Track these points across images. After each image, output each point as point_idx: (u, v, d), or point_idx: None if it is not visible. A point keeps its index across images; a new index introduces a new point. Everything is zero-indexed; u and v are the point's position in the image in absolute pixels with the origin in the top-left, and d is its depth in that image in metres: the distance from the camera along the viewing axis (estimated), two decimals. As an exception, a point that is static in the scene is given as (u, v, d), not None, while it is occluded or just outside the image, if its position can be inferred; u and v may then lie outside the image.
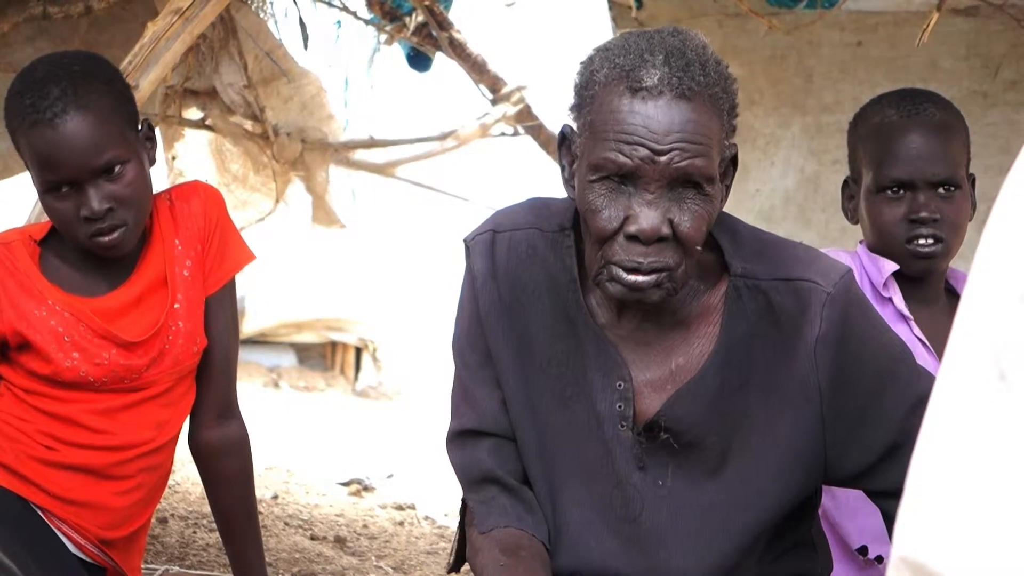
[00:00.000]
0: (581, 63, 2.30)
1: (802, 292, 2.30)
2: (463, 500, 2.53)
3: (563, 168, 2.36)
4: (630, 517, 2.36)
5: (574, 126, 2.31)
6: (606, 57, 2.25)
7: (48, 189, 2.83)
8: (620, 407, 2.34)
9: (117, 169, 2.81)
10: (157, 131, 3.01)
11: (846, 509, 2.90)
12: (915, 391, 2.33)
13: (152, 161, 2.93)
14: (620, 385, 2.34)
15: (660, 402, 2.34)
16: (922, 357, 2.86)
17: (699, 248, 2.24)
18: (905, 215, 2.95)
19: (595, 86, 2.24)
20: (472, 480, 2.50)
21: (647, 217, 2.18)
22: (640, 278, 2.20)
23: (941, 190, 2.95)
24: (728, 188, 2.33)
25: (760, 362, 2.32)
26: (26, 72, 2.88)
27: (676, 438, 2.32)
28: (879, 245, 2.99)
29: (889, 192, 2.97)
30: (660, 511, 2.35)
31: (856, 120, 3.10)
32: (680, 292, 2.28)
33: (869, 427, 2.33)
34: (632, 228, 2.19)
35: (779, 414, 2.32)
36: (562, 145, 2.36)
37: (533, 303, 2.42)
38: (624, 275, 2.21)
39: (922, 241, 2.94)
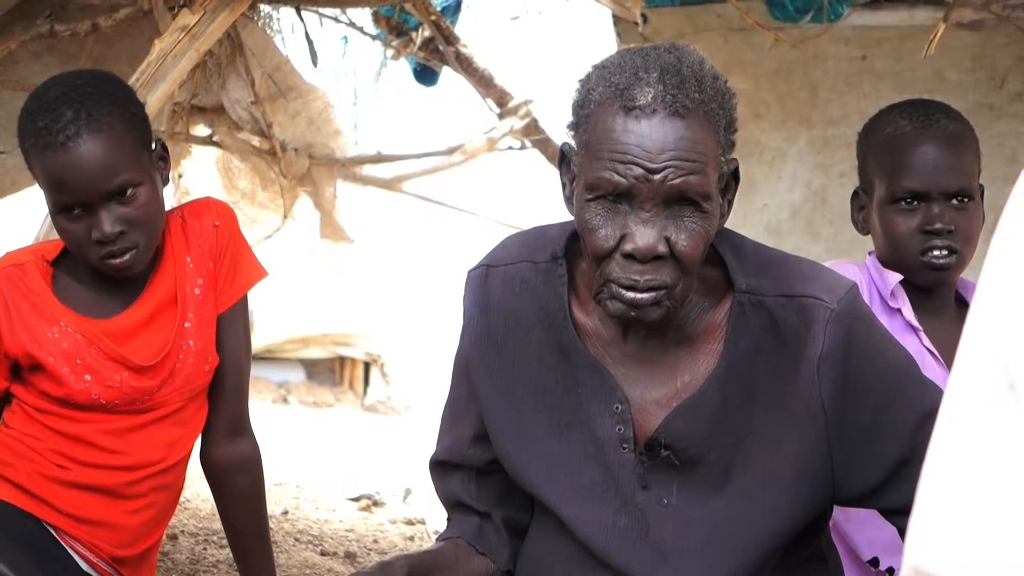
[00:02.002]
0: (579, 81, 2.31)
1: (806, 309, 2.30)
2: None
3: (564, 186, 2.37)
4: (636, 537, 2.36)
5: (573, 144, 2.32)
6: (602, 75, 2.26)
7: (60, 210, 2.82)
8: (620, 430, 2.34)
9: (129, 192, 2.81)
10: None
11: (856, 521, 2.90)
12: (922, 406, 2.32)
13: (165, 181, 2.92)
14: (618, 408, 2.34)
15: (663, 416, 2.34)
16: (931, 368, 2.86)
17: (697, 266, 2.24)
18: (919, 226, 2.94)
19: (591, 105, 2.25)
20: (446, 505, 2.61)
21: (643, 235, 2.19)
22: (638, 295, 2.21)
23: (955, 201, 2.94)
24: (730, 203, 2.33)
25: (764, 378, 2.31)
26: (39, 92, 2.87)
27: (677, 455, 2.32)
28: (892, 256, 2.98)
29: (903, 203, 2.96)
30: (666, 529, 2.35)
31: (866, 131, 3.09)
32: (681, 310, 2.29)
33: (876, 443, 2.32)
34: (628, 247, 2.20)
35: (784, 431, 2.31)
36: (562, 163, 2.36)
37: (527, 335, 2.43)
38: (624, 292, 2.21)
39: (936, 252, 2.94)
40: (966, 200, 2.95)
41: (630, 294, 2.21)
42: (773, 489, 2.33)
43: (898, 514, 2.37)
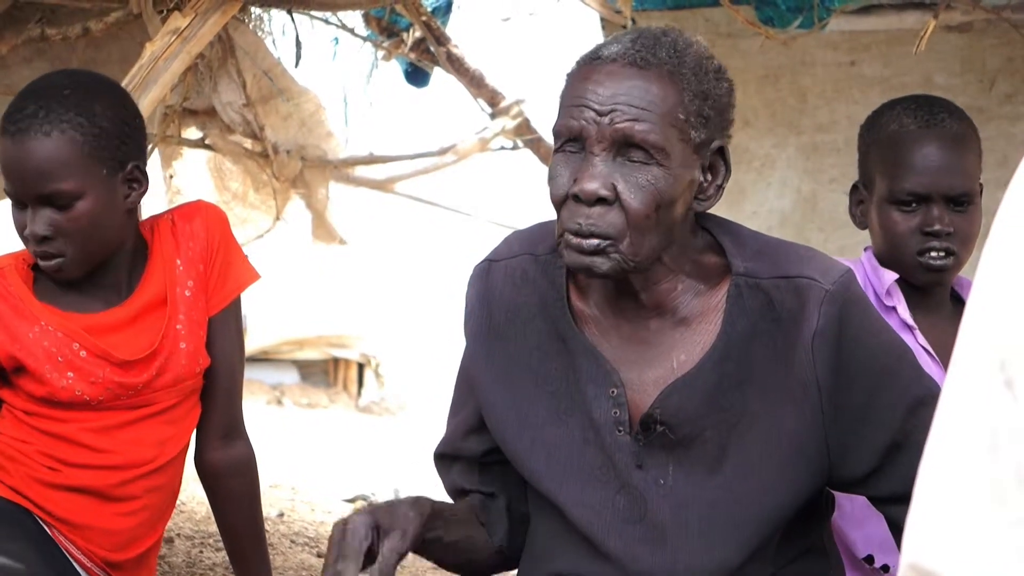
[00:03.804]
0: None
1: (801, 289, 2.31)
2: None
3: None
4: (635, 518, 2.37)
5: None
6: (590, 47, 2.34)
7: (9, 197, 2.84)
8: (616, 413, 2.36)
9: (65, 202, 2.78)
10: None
11: (851, 519, 2.90)
12: (915, 392, 2.34)
13: (130, 205, 2.89)
14: (613, 392, 2.36)
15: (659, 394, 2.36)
16: (927, 366, 2.85)
17: (647, 224, 2.25)
18: (918, 227, 2.93)
19: (572, 67, 2.33)
20: (452, 496, 2.63)
21: (589, 177, 2.22)
22: (582, 241, 2.24)
23: (956, 203, 2.94)
24: (719, 188, 2.35)
25: (761, 360, 2.33)
26: (35, 80, 2.89)
27: (672, 431, 2.34)
28: (889, 254, 2.98)
29: (903, 203, 2.95)
30: (663, 509, 2.36)
31: (869, 125, 3.08)
32: (640, 271, 2.30)
33: (869, 426, 2.33)
34: (574, 188, 2.24)
35: (780, 411, 2.33)
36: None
37: (527, 326, 2.46)
38: (571, 238, 2.25)
39: (934, 254, 2.93)
40: (966, 202, 2.94)
41: (575, 239, 2.24)
42: (769, 469, 2.34)
43: (887, 502, 2.39)
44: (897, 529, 2.42)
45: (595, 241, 2.23)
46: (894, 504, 2.36)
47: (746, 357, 2.33)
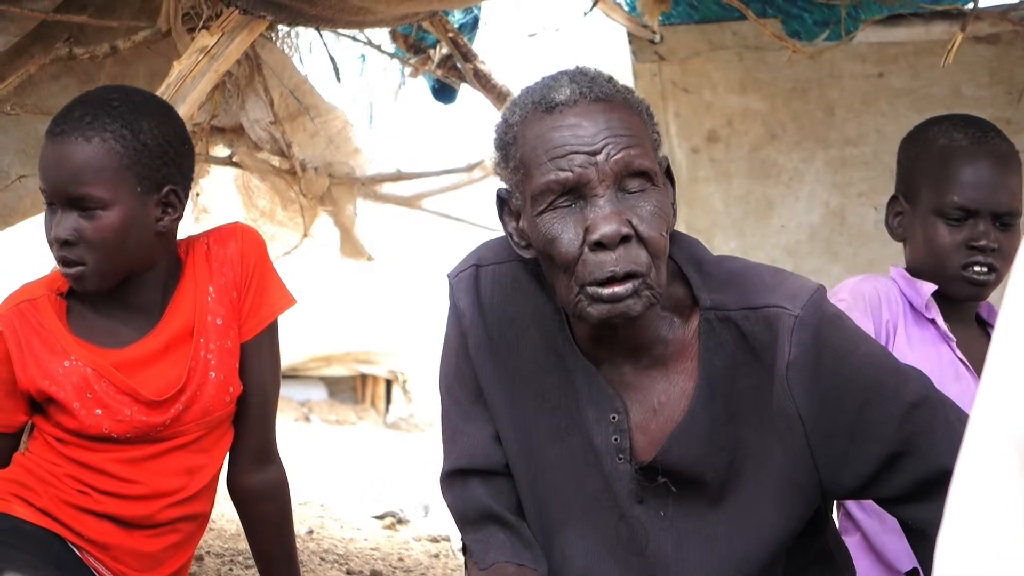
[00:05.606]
0: (495, 125, 2.32)
1: (771, 319, 2.28)
2: (463, 541, 2.53)
3: (510, 234, 2.36)
4: (637, 549, 2.36)
5: (507, 185, 2.31)
6: (515, 103, 2.29)
7: (43, 198, 2.84)
8: (616, 439, 2.33)
9: (92, 209, 2.78)
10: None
11: (893, 531, 2.88)
12: (904, 398, 2.31)
13: (162, 228, 2.87)
14: (614, 417, 2.33)
15: (646, 440, 2.33)
16: (964, 378, 2.88)
17: (664, 252, 2.22)
18: (964, 241, 2.96)
19: (513, 128, 2.27)
20: (468, 519, 2.51)
21: (606, 220, 2.18)
22: (618, 288, 2.18)
23: (1001, 220, 2.96)
24: (673, 206, 2.31)
25: (744, 392, 2.30)
26: (88, 91, 2.90)
27: (674, 480, 2.32)
28: (929, 265, 3.00)
29: (951, 217, 2.98)
30: (665, 541, 2.35)
31: (915, 138, 3.09)
32: (656, 310, 2.27)
33: (862, 441, 2.30)
34: (594, 236, 2.18)
35: (769, 444, 2.30)
36: (502, 211, 2.35)
37: (521, 337, 2.42)
38: (602, 290, 2.19)
39: (978, 269, 2.96)
40: (1011, 221, 2.97)
41: (607, 289, 2.19)
42: (763, 503, 2.32)
43: (895, 503, 2.36)
44: (907, 528, 2.40)
45: (630, 284, 2.19)
46: (902, 504, 2.34)
47: (730, 391, 2.30)
